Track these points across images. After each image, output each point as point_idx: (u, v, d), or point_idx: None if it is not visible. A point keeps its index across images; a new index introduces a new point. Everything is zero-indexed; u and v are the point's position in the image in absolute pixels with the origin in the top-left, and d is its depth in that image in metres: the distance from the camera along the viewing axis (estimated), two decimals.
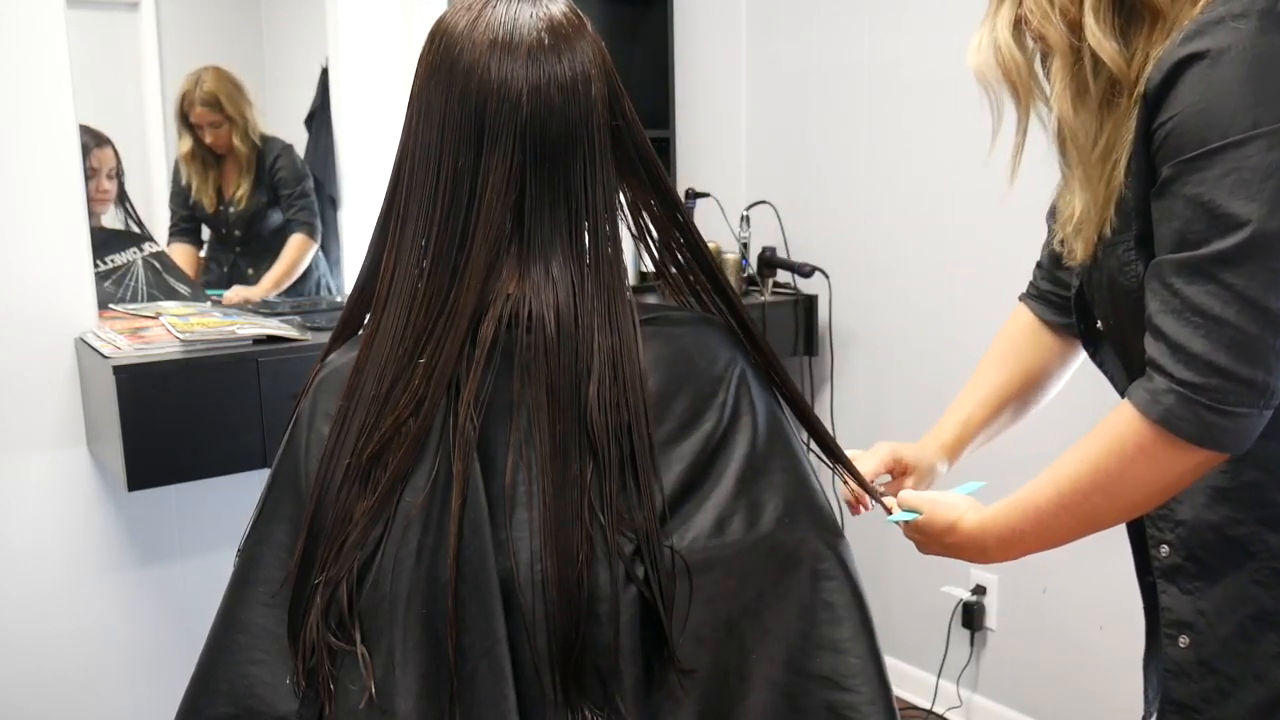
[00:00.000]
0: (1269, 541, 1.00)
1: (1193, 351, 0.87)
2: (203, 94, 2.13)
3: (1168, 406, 0.88)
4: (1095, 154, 0.98)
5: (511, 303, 0.77)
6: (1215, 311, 0.86)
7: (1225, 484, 1.01)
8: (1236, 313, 0.85)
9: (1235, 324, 0.85)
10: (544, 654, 0.74)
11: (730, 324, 0.88)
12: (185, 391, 1.62)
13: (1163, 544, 1.06)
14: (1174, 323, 0.88)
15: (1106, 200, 0.98)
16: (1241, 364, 0.86)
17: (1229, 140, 0.84)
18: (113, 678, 1.94)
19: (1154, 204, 0.92)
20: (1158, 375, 0.90)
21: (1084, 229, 1.02)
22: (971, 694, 2.49)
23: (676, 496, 0.78)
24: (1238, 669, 1.01)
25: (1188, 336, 0.87)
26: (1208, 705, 1.03)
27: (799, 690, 0.80)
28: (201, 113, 2.14)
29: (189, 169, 2.17)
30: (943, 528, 1.07)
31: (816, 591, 0.81)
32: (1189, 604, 1.04)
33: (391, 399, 0.76)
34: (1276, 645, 0.99)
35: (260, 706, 0.82)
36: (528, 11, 0.78)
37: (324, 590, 0.76)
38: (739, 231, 2.67)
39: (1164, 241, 0.90)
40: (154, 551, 1.97)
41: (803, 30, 2.68)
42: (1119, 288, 1.00)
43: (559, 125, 0.78)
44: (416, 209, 0.79)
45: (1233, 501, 1.01)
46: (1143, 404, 0.90)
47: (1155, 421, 0.89)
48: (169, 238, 2.18)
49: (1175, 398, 0.88)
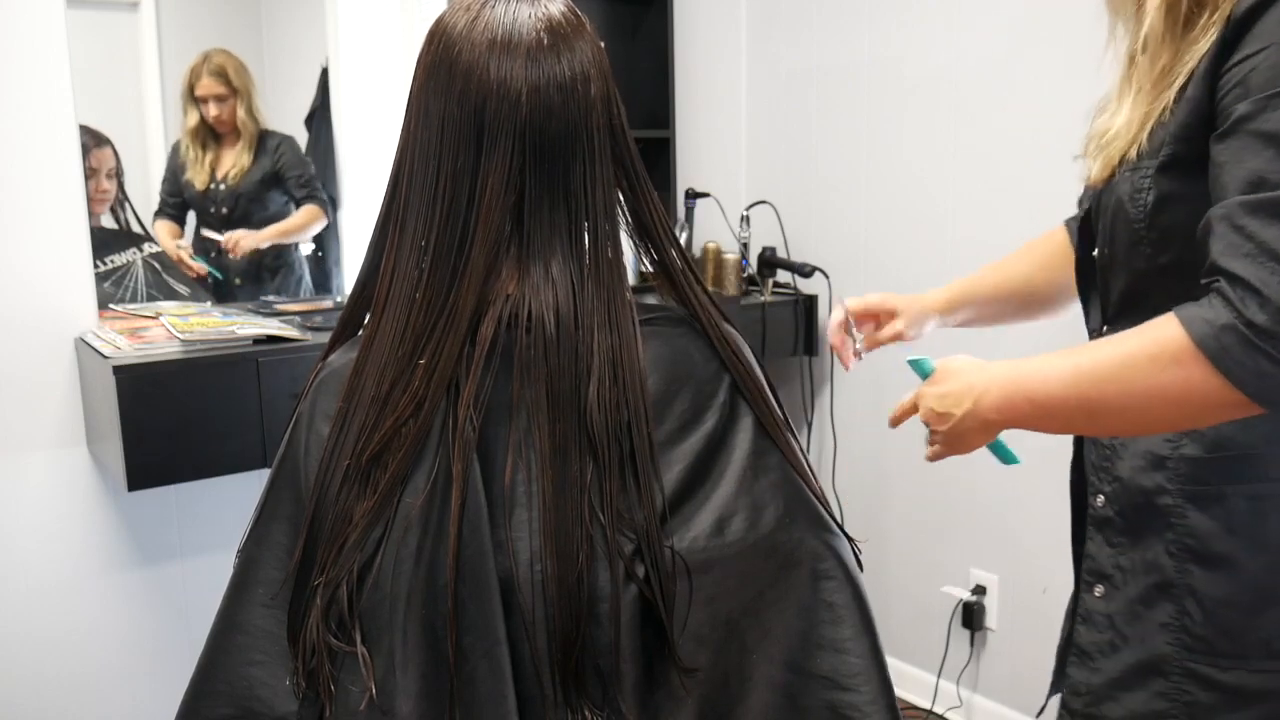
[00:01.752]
0: (1189, 518, 0.99)
1: (1267, 295, 0.79)
2: (211, 66, 2.15)
3: (1225, 345, 0.81)
4: (1157, 71, 0.94)
5: (511, 303, 0.77)
6: None
7: (1165, 453, 1.00)
8: None
9: None
10: (544, 654, 0.74)
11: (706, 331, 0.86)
12: (185, 391, 1.62)
13: (1099, 494, 1.06)
14: (1247, 265, 0.81)
15: (1144, 120, 0.96)
16: None
17: None
18: (112, 678, 1.94)
19: (1220, 145, 0.86)
20: (1223, 307, 0.81)
21: (1111, 146, 0.99)
22: (971, 694, 2.49)
23: (677, 496, 0.78)
24: (1131, 629, 1.02)
25: (1264, 280, 0.79)
26: (1100, 656, 1.05)
27: (800, 690, 0.80)
28: (209, 84, 2.15)
29: (190, 146, 2.18)
30: (946, 373, 1.04)
31: (817, 591, 0.81)
32: (1110, 557, 1.05)
33: (391, 400, 0.76)
34: (1167, 616, 1.00)
35: (260, 707, 0.82)
36: (527, 11, 0.78)
37: (324, 591, 0.76)
38: (739, 231, 2.68)
39: (1234, 183, 0.84)
40: (154, 551, 1.97)
41: (803, 30, 2.68)
42: (1123, 215, 0.98)
43: (558, 125, 0.77)
44: (416, 210, 0.79)
45: (1167, 471, 1.00)
46: (1197, 332, 0.83)
47: (1206, 353, 0.82)
48: (153, 218, 2.19)
49: (1236, 338, 0.81)
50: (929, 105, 2.39)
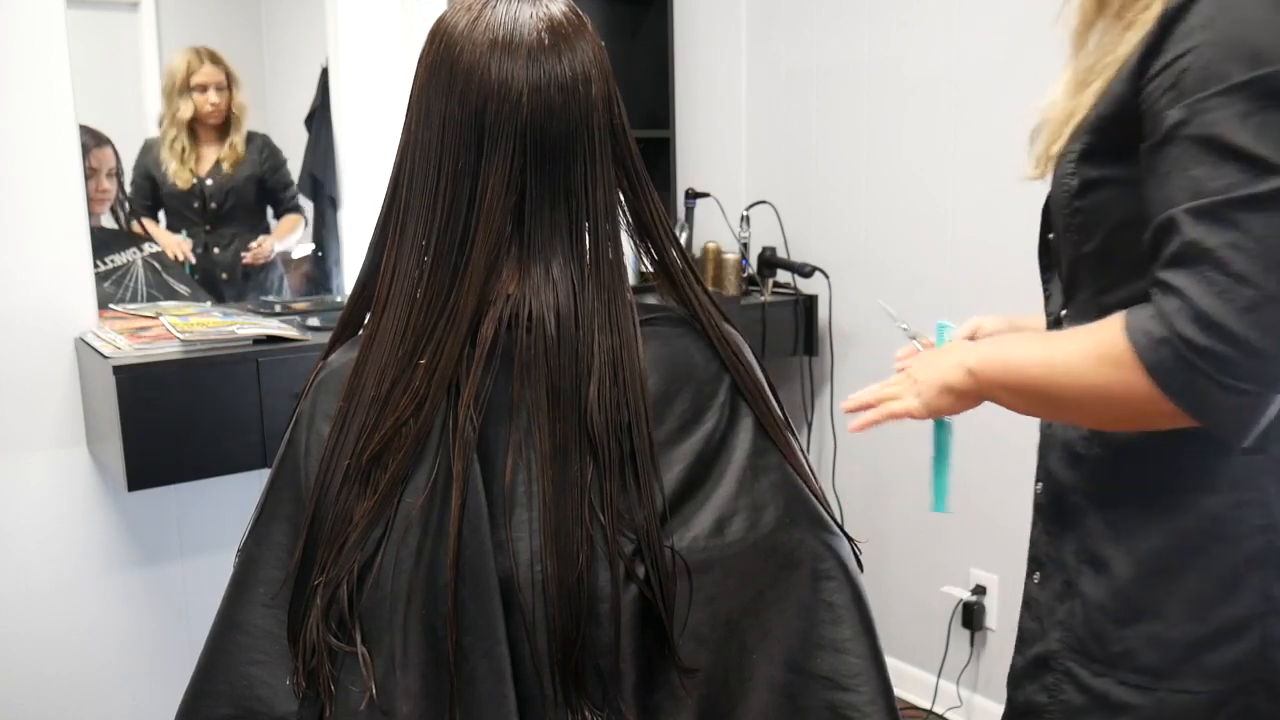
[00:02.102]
0: (1089, 519, 0.98)
1: (1201, 308, 0.76)
2: (208, 54, 2.13)
3: (1161, 359, 0.79)
4: (1088, 61, 0.94)
5: (511, 303, 0.77)
6: (1236, 267, 0.75)
7: (1081, 450, 0.99)
8: (1262, 270, 0.75)
9: (1258, 283, 0.75)
10: (544, 654, 0.74)
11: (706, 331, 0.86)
12: (185, 391, 1.62)
13: (1039, 481, 1.07)
14: (1184, 276, 0.78)
15: (1070, 114, 0.95)
16: (1256, 331, 0.75)
17: (1255, 74, 0.76)
18: (112, 678, 1.94)
19: (1159, 155, 0.82)
20: (1159, 319, 0.79)
21: (1039, 139, 1.00)
22: (971, 694, 2.49)
23: (677, 496, 0.78)
24: (1047, 620, 1.03)
25: (1200, 292, 0.76)
26: (1025, 644, 1.07)
27: (800, 690, 0.80)
28: (211, 71, 2.13)
29: (177, 140, 2.14)
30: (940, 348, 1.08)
31: (817, 592, 0.81)
32: (1044, 545, 1.05)
33: (392, 400, 0.76)
34: (1066, 614, 1.00)
35: (259, 707, 0.82)
36: (528, 11, 0.78)
37: (324, 591, 0.76)
38: (739, 231, 2.68)
39: (1176, 195, 0.80)
40: (154, 551, 1.97)
41: (803, 30, 2.68)
42: (1056, 201, 0.98)
43: (559, 126, 0.77)
44: (416, 210, 0.79)
45: (1079, 471, 0.99)
46: (1138, 342, 0.81)
47: (1144, 364, 0.80)
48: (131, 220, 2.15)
49: (1171, 353, 0.78)
50: (929, 105, 2.39)
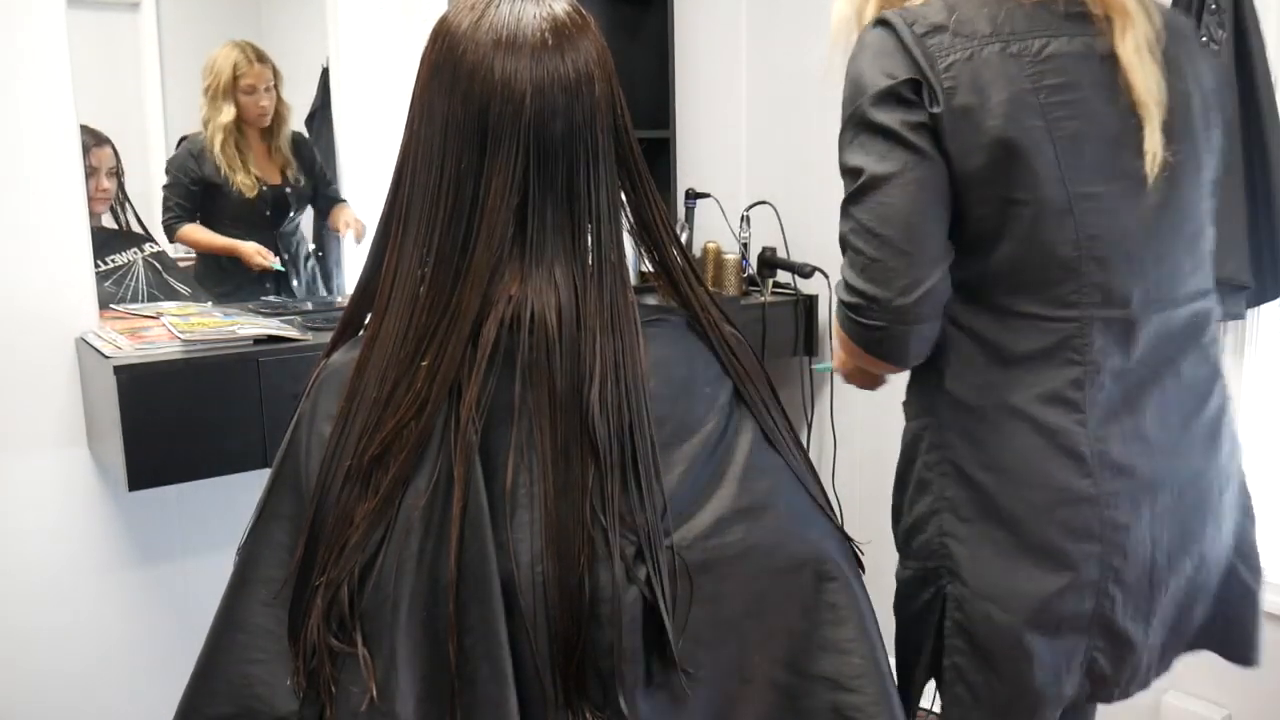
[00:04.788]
0: (896, 499, 1.28)
1: (842, 277, 1.08)
2: (254, 53, 2.06)
3: (840, 318, 1.11)
4: None
5: (513, 305, 0.77)
6: (853, 243, 1.06)
7: (906, 432, 1.23)
8: (864, 244, 1.04)
9: (864, 251, 1.04)
10: (545, 655, 0.74)
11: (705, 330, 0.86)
12: (185, 391, 1.62)
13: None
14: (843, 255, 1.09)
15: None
16: (871, 284, 1.04)
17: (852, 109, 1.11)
18: (112, 677, 1.94)
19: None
20: (837, 290, 1.11)
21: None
22: None
23: (678, 498, 0.78)
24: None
25: (844, 265, 1.08)
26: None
27: (802, 691, 0.80)
28: (261, 71, 2.06)
29: (227, 145, 2.07)
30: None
31: (819, 592, 0.81)
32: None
33: (393, 401, 0.76)
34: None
35: (259, 706, 0.82)
36: (531, 10, 0.78)
37: (325, 592, 0.76)
38: (739, 231, 2.67)
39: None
40: (154, 551, 1.97)
41: (803, 30, 2.68)
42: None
43: (562, 126, 0.77)
44: (419, 211, 0.79)
45: (902, 450, 1.23)
46: (836, 307, 1.12)
47: (838, 321, 1.12)
48: (173, 226, 2.09)
49: (840, 311, 1.10)
50: None
